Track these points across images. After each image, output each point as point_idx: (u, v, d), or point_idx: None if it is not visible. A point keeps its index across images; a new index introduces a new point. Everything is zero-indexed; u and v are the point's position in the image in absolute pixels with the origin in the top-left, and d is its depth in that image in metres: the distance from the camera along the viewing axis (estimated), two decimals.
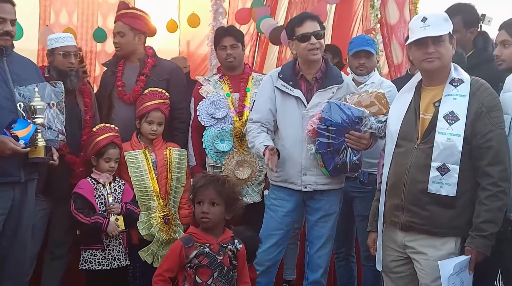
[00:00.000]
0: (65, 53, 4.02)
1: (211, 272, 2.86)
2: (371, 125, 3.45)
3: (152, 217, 4.07)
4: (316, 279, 3.79)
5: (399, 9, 5.66)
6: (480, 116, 2.89)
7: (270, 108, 3.75)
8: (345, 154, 3.50)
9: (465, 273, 2.86)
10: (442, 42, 2.96)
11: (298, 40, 3.67)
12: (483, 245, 2.86)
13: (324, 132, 3.49)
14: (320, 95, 3.67)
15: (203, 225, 2.92)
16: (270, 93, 3.76)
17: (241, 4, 6.71)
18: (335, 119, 3.46)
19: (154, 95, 4.20)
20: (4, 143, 3.31)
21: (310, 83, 3.74)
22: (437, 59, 2.97)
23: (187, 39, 7.08)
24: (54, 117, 3.57)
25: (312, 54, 3.65)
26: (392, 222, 3.13)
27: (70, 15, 6.37)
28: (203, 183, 2.89)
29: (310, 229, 3.81)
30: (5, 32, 3.48)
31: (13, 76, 3.52)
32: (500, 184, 2.85)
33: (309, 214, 3.81)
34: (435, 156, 2.90)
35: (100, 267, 3.86)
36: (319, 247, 3.77)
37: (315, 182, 3.67)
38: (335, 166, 3.54)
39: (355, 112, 3.46)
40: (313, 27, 3.66)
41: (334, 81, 3.72)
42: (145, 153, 4.13)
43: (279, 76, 3.75)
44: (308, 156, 3.63)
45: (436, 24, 2.97)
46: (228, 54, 4.31)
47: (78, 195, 3.89)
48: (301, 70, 3.74)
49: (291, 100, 3.70)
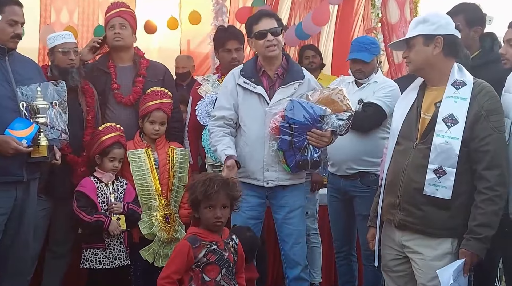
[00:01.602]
0: (64, 50, 4.03)
1: (220, 269, 2.87)
2: (333, 124, 3.53)
3: (153, 216, 4.07)
4: (296, 276, 3.78)
5: (399, 9, 5.67)
6: (480, 119, 2.88)
7: (233, 104, 3.76)
8: (307, 151, 3.55)
9: (461, 278, 2.86)
10: (411, 47, 3.04)
11: (255, 38, 3.71)
12: (478, 248, 2.85)
13: (286, 130, 3.53)
14: (282, 92, 3.70)
15: (216, 228, 2.91)
16: (232, 90, 3.77)
17: (241, 2, 6.72)
18: (297, 117, 3.50)
19: (156, 95, 4.21)
20: (7, 142, 3.33)
21: (272, 80, 3.76)
22: (410, 63, 3.08)
23: (188, 38, 7.09)
24: (56, 117, 3.57)
25: (269, 51, 3.68)
26: (388, 220, 3.14)
27: (71, 14, 6.40)
28: (216, 189, 2.84)
29: (280, 227, 3.82)
30: (16, 35, 3.53)
31: (16, 75, 3.54)
32: (496, 188, 2.84)
33: (275, 213, 3.83)
34: (432, 158, 2.91)
35: (101, 266, 3.87)
36: (291, 243, 3.77)
37: (277, 178, 3.70)
38: (296, 163, 3.58)
39: (318, 111, 3.52)
40: (270, 24, 3.69)
41: (295, 77, 3.75)
42: (147, 152, 4.14)
43: (241, 74, 3.76)
44: (270, 153, 3.66)
45: (411, 28, 3.05)
46: (233, 58, 4.32)
47: (80, 193, 3.90)
48: (263, 66, 3.77)
49: (253, 97, 3.72)
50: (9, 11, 3.50)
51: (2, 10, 3.48)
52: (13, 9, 3.52)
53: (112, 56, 4.43)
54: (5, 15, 3.48)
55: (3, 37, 3.49)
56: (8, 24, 3.49)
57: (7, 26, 3.49)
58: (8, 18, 3.49)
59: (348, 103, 3.60)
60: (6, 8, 3.50)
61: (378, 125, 4.08)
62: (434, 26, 2.99)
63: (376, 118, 4.03)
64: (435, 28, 2.99)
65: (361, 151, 4.07)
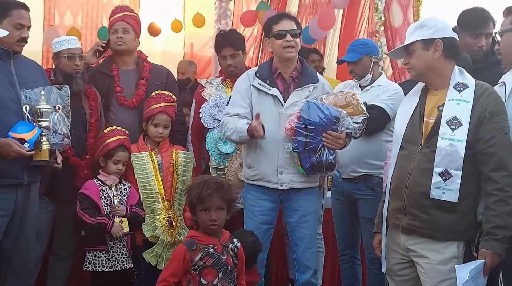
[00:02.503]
0: (70, 55, 4.04)
1: (217, 272, 2.87)
2: (348, 126, 3.51)
3: (157, 219, 4.08)
4: (306, 280, 3.78)
5: (403, 12, 5.67)
6: (483, 121, 2.88)
7: (248, 104, 3.75)
8: (322, 153, 3.53)
9: (480, 278, 2.83)
10: (411, 52, 3.05)
11: (274, 37, 3.70)
12: (498, 247, 2.82)
13: (302, 131, 3.50)
14: (297, 94, 3.69)
15: (211, 231, 2.92)
16: (247, 91, 3.76)
17: (245, 6, 6.73)
18: (313, 118, 3.49)
19: (161, 98, 4.22)
20: (9, 145, 3.33)
21: (286, 82, 3.76)
22: (411, 69, 3.09)
23: (192, 41, 7.10)
24: (59, 121, 3.58)
25: (287, 52, 3.68)
26: (394, 225, 3.14)
27: (75, 16, 6.40)
28: (209, 192, 2.86)
29: (292, 231, 3.81)
30: (22, 38, 3.54)
31: (20, 78, 3.55)
32: (506, 189, 2.83)
33: (288, 217, 3.81)
34: (437, 161, 2.90)
35: (104, 269, 3.88)
36: (304, 247, 3.76)
37: (291, 180, 3.68)
38: (311, 165, 3.55)
39: (333, 112, 3.51)
40: (290, 25, 3.70)
41: (310, 80, 3.76)
42: (151, 155, 4.15)
43: (256, 75, 3.76)
44: (284, 154, 3.64)
45: (408, 35, 3.06)
46: (228, 65, 4.33)
47: (84, 196, 3.91)
48: (278, 69, 3.76)
49: (268, 99, 3.71)
50: (16, 14, 3.51)
51: (9, 14, 3.50)
52: (20, 12, 3.54)
53: (115, 60, 4.45)
54: (12, 19, 3.49)
55: (9, 41, 3.50)
56: (15, 28, 3.50)
57: (14, 30, 3.50)
58: (15, 22, 3.50)
59: (362, 107, 3.60)
60: (13, 11, 3.51)
61: (382, 128, 4.08)
62: (432, 30, 3.00)
63: (379, 121, 4.03)
64: (433, 32, 2.99)
65: (365, 153, 4.07)
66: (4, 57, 3.52)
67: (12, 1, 3.57)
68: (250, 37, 6.69)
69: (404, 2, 5.75)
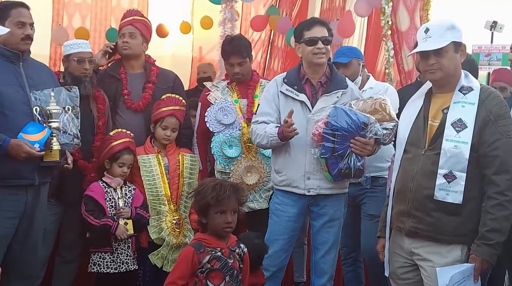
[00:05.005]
0: (80, 59, 4.07)
1: (223, 276, 2.86)
2: (376, 132, 3.47)
3: (162, 221, 4.11)
4: (322, 284, 3.79)
5: (409, 16, 5.64)
6: (488, 124, 2.89)
7: (275, 111, 3.76)
8: (349, 159, 3.50)
9: (469, 282, 2.85)
10: (444, 53, 2.97)
11: (305, 43, 3.69)
12: (488, 254, 2.85)
13: (329, 137, 3.49)
14: (325, 100, 3.68)
15: (225, 234, 2.90)
16: (275, 97, 3.77)
17: (253, 10, 6.72)
18: (341, 124, 3.46)
19: (170, 101, 4.26)
20: (20, 146, 3.37)
21: (315, 88, 3.75)
22: (439, 70, 2.99)
23: (200, 45, 7.11)
24: (69, 122, 3.61)
25: (317, 57, 3.67)
26: (398, 228, 3.14)
27: (83, 18, 6.40)
28: (227, 194, 2.82)
29: (315, 234, 3.81)
30: (26, 36, 3.55)
31: (29, 80, 3.58)
32: (507, 193, 2.84)
33: (314, 220, 3.81)
34: (442, 163, 2.91)
35: (109, 270, 3.90)
36: (324, 252, 3.77)
37: (319, 186, 3.67)
38: (339, 171, 3.53)
39: (361, 118, 3.47)
40: (322, 32, 3.69)
41: (339, 86, 3.74)
42: (158, 157, 4.17)
43: (284, 81, 3.76)
44: (311, 160, 3.63)
45: (438, 35, 2.97)
46: (236, 73, 4.33)
47: (89, 198, 3.94)
48: (306, 74, 3.76)
49: (295, 104, 3.70)
50: (15, 13, 3.53)
51: (9, 14, 3.52)
52: (19, 11, 3.55)
53: (123, 63, 4.49)
54: (12, 19, 3.51)
55: (13, 40, 3.52)
56: (17, 27, 3.52)
57: (16, 29, 3.51)
58: (16, 21, 3.52)
59: (392, 113, 3.55)
60: (12, 11, 3.53)
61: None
62: (460, 33, 3.00)
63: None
64: (461, 35, 3.00)
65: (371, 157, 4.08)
66: (13, 59, 3.55)
67: (10, 2, 3.60)
68: (258, 41, 6.69)
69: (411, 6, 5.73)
